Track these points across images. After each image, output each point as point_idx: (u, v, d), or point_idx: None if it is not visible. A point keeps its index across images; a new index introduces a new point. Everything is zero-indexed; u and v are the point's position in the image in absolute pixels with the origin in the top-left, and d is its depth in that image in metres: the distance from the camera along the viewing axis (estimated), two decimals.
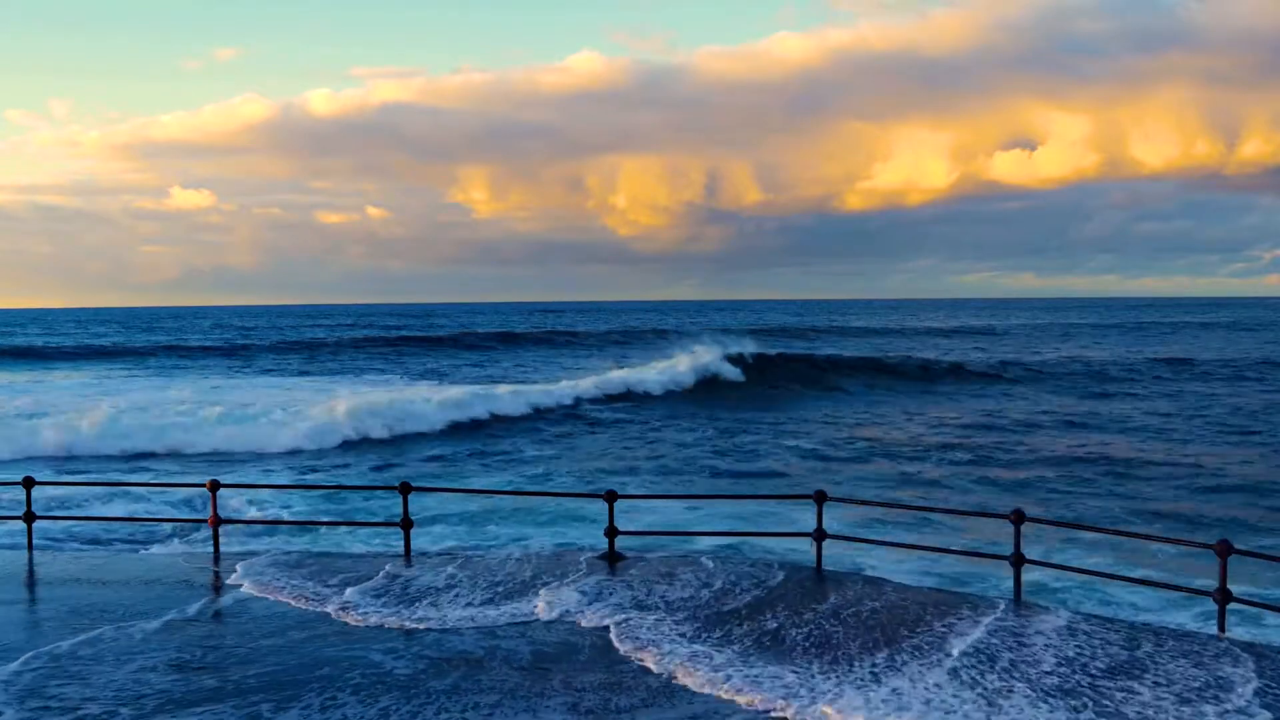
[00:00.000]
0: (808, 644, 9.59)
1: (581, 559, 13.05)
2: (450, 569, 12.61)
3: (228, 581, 12.27)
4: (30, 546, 14.24)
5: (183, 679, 8.79)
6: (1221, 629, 9.84)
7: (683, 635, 9.93)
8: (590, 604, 11.00)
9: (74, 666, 9.08)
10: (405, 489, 13.26)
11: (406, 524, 13.30)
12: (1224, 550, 9.61)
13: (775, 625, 10.16)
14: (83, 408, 35.45)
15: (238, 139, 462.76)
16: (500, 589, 11.70)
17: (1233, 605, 9.99)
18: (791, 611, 10.55)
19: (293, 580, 12.24)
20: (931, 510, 18.87)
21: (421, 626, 10.44)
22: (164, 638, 9.96)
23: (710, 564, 12.71)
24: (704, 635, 9.92)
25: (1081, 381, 52.72)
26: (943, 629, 9.86)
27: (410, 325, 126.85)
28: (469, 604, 11.19)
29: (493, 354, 78.52)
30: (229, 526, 16.02)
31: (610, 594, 11.34)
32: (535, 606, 10.98)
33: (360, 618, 10.71)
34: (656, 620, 10.39)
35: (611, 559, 12.78)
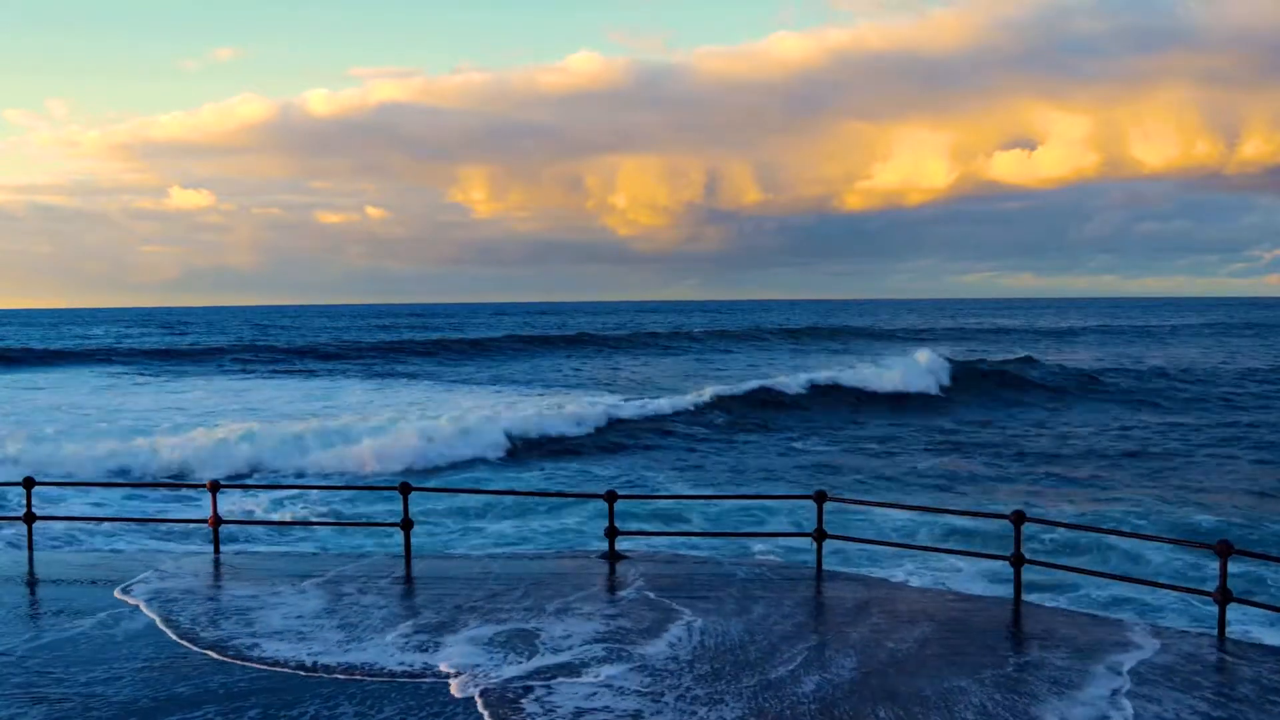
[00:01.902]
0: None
1: (581, 563, 13.07)
2: (383, 583, 12.09)
3: (115, 594, 11.47)
4: (30, 546, 14.21)
5: None
6: (1221, 629, 9.83)
7: None
8: (508, 662, 8.98)
9: (17, 676, 8.81)
10: (405, 489, 13.22)
11: (406, 525, 13.25)
12: (1224, 550, 9.60)
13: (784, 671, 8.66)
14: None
15: (237, 139, 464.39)
16: (429, 618, 10.41)
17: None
18: (811, 646, 9.36)
19: (198, 591, 11.59)
20: (931, 510, 18.83)
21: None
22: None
23: (704, 566, 12.72)
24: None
25: None
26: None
27: (514, 325, 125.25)
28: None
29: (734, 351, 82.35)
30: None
31: (557, 637, 9.69)
32: (448, 662, 9.03)
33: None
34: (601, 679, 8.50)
35: (612, 558, 12.86)
